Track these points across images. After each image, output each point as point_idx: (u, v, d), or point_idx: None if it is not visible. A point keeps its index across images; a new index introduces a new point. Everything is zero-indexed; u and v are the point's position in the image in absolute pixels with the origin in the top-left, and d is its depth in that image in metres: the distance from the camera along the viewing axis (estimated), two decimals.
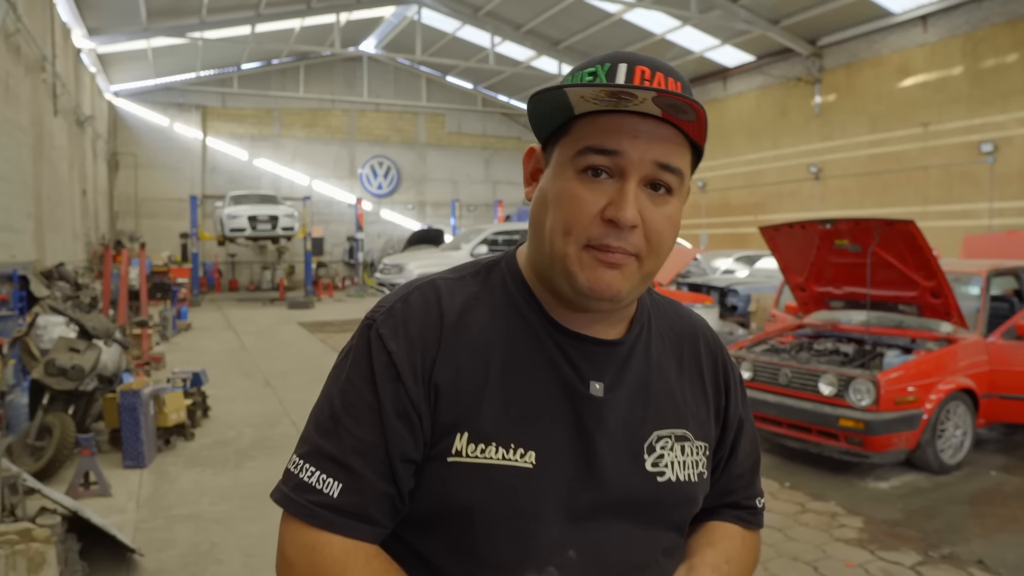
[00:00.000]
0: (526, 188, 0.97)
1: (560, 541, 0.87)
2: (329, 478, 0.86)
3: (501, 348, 0.90)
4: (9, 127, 11.18)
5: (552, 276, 0.90)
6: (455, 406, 0.87)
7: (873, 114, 17.42)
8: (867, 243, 5.75)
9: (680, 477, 0.95)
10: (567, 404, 0.90)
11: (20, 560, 2.61)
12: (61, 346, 5.64)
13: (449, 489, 0.87)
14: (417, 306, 0.91)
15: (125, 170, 25.44)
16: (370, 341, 0.90)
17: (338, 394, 0.89)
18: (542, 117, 0.90)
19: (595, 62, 0.89)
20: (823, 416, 5.33)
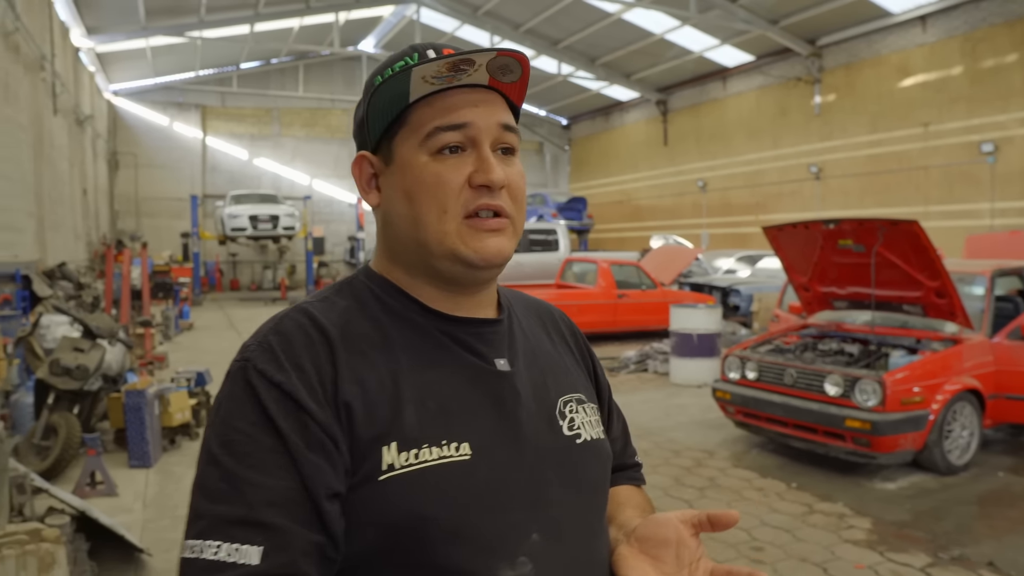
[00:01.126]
0: (366, 196, 0.93)
1: (521, 526, 0.82)
2: (244, 545, 0.72)
3: (397, 351, 0.85)
4: (9, 126, 11.16)
5: (433, 264, 0.88)
6: (371, 420, 0.79)
7: (873, 114, 17.43)
8: (871, 243, 5.74)
9: (592, 436, 0.95)
10: (481, 386, 0.87)
11: (31, 560, 2.60)
12: (65, 346, 5.63)
13: (392, 508, 0.77)
14: (293, 332, 0.82)
15: (125, 169, 25.41)
16: (249, 382, 0.79)
17: (224, 451, 0.76)
18: (375, 116, 0.90)
19: (401, 55, 0.90)
20: (829, 416, 5.32)
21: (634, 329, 12.51)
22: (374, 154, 0.91)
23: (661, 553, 0.87)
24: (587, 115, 29.28)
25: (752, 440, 6.36)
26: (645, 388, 8.84)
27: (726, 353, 6.48)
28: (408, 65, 0.85)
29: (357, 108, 0.94)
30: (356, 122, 0.94)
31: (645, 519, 0.93)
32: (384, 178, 0.91)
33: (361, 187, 0.93)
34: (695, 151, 23.38)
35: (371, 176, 0.92)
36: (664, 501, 4.93)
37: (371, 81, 0.90)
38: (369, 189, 0.93)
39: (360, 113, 0.93)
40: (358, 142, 0.94)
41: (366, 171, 0.93)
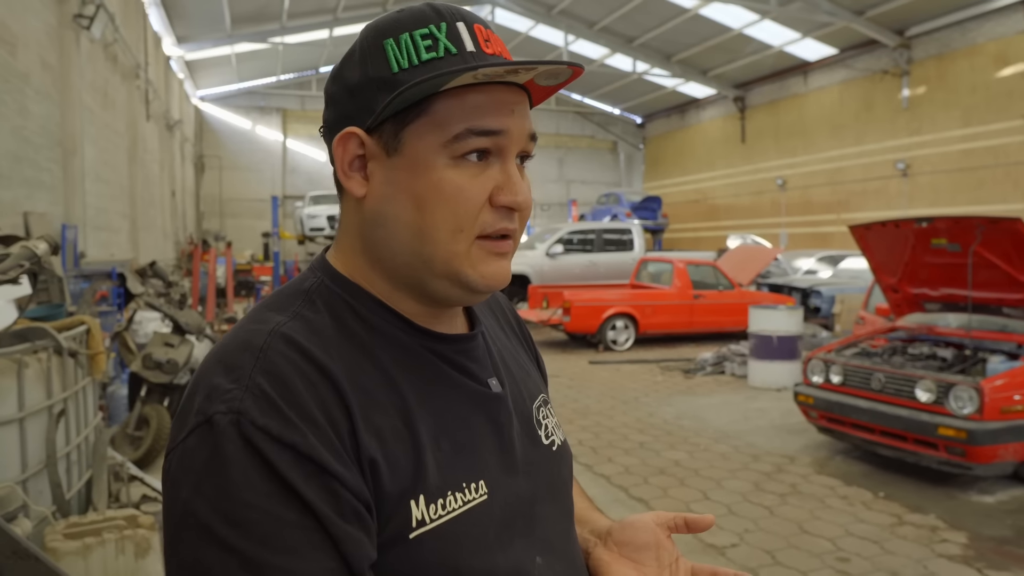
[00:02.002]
0: (346, 180, 0.76)
1: (527, 552, 0.78)
2: None
3: (398, 387, 0.74)
4: (108, 132, 11.77)
5: (426, 281, 0.77)
6: (396, 474, 0.69)
7: (967, 106, 16.57)
8: (968, 242, 5.45)
9: (561, 439, 0.92)
10: (481, 413, 0.80)
11: (128, 544, 2.72)
12: (157, 341, 5.89)
13: (424, 567, 0.69)
14: (289, 372, 0.67)
15: (210, 171, 26.47)
16: (250, 442, 0.63)
17: (236, 533, 0.61)
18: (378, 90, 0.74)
19: (424, 19, 0.74)
20: (920, 424, 5.07)
21: (710, 331, 12.26)
22: (368, 134, 0.75)
23: (642, 556, 0.88)
24: (662, 113, 28.86)
25: (836, 447, 6.12)
26: (722, 391, 8.64)
27: (809, 356, 6.26)
28: (464, 65, 0.72)
29: (345, 67, 0.77)
30: (341, 82, 0.77)
31: (620, 523, 0.92)
32: (381, 169, 0.75)
33: (341, 168, 0.77)
34: (774, 148, 22.73)
35: (357, 157, 0.76)
36: (743, 507, 4.79)
37: (378, 42, 0.75)
38: (351, 173, 0.76)
39: (352, 77, 0.76)
40: (339, 109, 0.77)
41: (352, 151, 0.76)
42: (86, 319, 3.67)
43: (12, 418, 2.88)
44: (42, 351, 3.14)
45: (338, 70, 0.78)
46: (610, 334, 11.68)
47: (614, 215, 22.00)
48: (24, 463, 2.91)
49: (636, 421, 7.13)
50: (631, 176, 31.47)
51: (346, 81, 0.76)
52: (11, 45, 7.41)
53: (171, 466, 0.66)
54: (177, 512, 0.64)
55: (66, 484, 3.17)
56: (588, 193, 28.99)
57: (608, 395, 8.35)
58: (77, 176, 9.39)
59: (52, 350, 3.17)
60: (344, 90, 0.76)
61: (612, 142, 31.10)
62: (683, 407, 7.75)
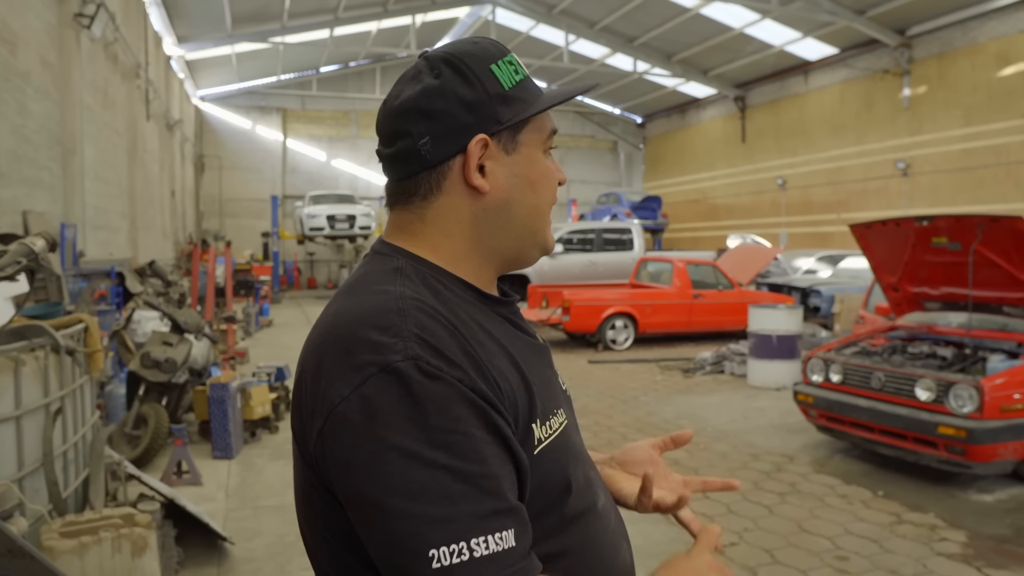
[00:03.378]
0: (475, 180, 0.92)
1: (589, 466, 1.00)
2: (503, 531, 0.76)
3: (496, 339, 0.90)
4: (107, 131, 11.76)
5: (527, 249, 1.00)
6: (520, 403, 0.86)
7: (968, 106, 16.54)
8: (968, 241, 5.44)
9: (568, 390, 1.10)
10: (543, 360, 1.00)
11: (125, 543, 2.71)
12: (155, 340, 5.88)
13: (549, 476, 0.87)
14: (435, 326, 0.82)
15: (210, 171, 26.45)
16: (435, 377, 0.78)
17: (443, 454, 0.75)
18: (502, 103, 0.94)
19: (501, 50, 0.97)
20: (920, 423, 5.06)
21: (710, 330, 12.25)
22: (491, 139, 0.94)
23: (638, 470, 1.13)
24: (662, 113, 28.84)
25: (835, 445, 6.11)
26: (722, 390, 8.63)
27: (809, 355, 6.25)
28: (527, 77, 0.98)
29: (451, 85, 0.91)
30: (454, 99, 0.91)
31: (622, 448, 1.18)
32: (500, 166, 0.94)
33: (471, 169, 0.92)
34: (774, 148, 22.71)
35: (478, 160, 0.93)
36: (742, 505, 4.78)
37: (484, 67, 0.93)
38: (476, 172, 0.93)
39: (465, 93, 0.91)
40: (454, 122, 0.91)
41: (477, 154, 0.92)
42: (84, 317, 3.67)
43: (9, 416, 2.87)
44: (39, 349, 3.13)
45: (440, 88, 0.91)
46: (609, 333, 11.66)
47: (614, 215, 21.99)
48: (20, 461, 2.90)
49: (635, 420, 7.12)
50: (631, 176, 31.44)
51: (459, 97, 0.91)
52: (11, 44, 7.40)
53: (349, 413, 0.77)
54: (376, 449, 0.76)
55: (63, 483, 3.16)
56: (588, 193, 28.97)
57: (607, 394, 8.33)
58: (77, 175, 9.38)
59: (50, 348, 3.17)
60: (458, 105, 0.91)
61: (612, 142, 31.07)
62: (682, 406, 7.73)
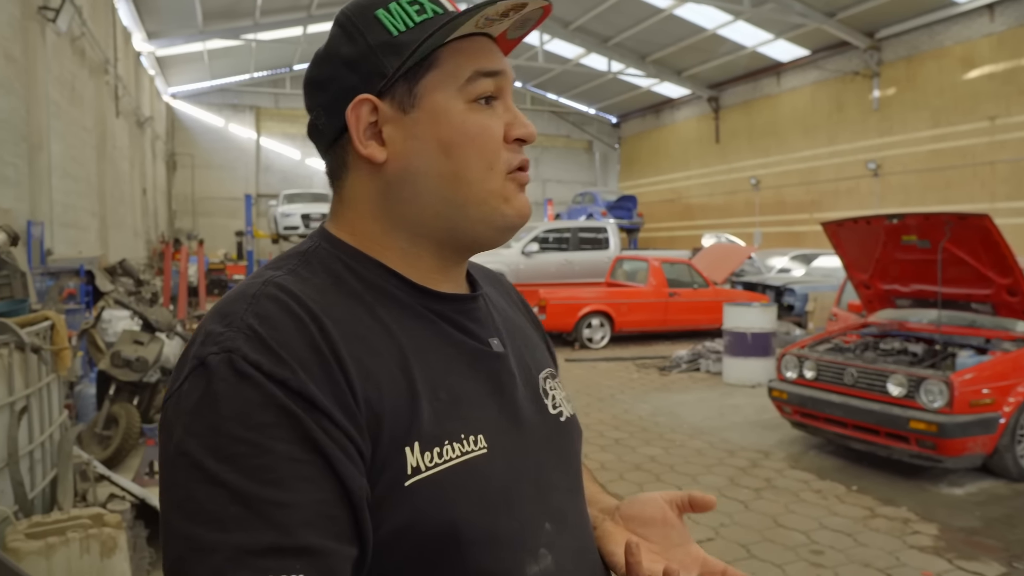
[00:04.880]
0: (364, 147, 0.77)
1: (535, 517, 0.77)
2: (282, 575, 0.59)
3: (395, 337, 0.74)
4: (75, 127, 11.54)
5: (462, 226, 0.79)
6: (389, 419, 0.69)
7: (935, 108, 16.85)
8: (937, 239, 5.52)
9: (569, 412, 0.90)
10: (482, 370, 0.80)
11: (93, 544, 2.65)
12: (126, 338, 5.77)
13: (421, 518, 0.68)
14: (281, 318, 0.68)
15: (182, 170, 26.11)
16: (244, 377, 0.64)
17: (226, 467, 0.61)
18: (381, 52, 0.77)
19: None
20: (892, 418, 5.13)
21: (685, 328, 12.33)
22: (380, 98, 0.77)
23: (648, 532, 0.86)
24: (637, 113, 29.00)
25: (809, 441, 6.17)
26: (697, 388, 8.68)
27: (783, 352, 6.31)
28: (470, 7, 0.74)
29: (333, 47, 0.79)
30: (336, 61, 0.79)
31: (630, 499, 0.91)
32: (399, 128, 0.77)
33: (358, 137, 0.77)
34: (748, 148, 22.95)
35: (369, 125, 0.78)
36: (719, 501, 4.76)
37: (368, 15, 0.78)
38: (367, 141, 0.78)
39: (348, 52, 0.78)
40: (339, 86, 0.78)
41: (365, 118, 0.77)
42: (50, 315, 3.59)
43: None
44: (3, 346, 3.05)
45: (324, 53, 0.80)
46: (586, 332, 11.70)
47: (589, 214, 22.05)
48: None
49: (612, 418, 7.14)
50: (606, 175, 31.58)
51: (342, 57, 0.78)
52: None
53: (166, 412, 0.67)
54: (170, 454, 0.65)
55: (29, 483, 3.08)
56: (564, 192, 29.05)
57: (584, 392, 8.35)
58: (43, 172, 9.18)
59: (14, 345, 3.09)
60: (341, 66, 0.78)
61: (587, 142, 31.19)
62: (658, 404, 7.77)
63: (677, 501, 0.87)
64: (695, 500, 0.88)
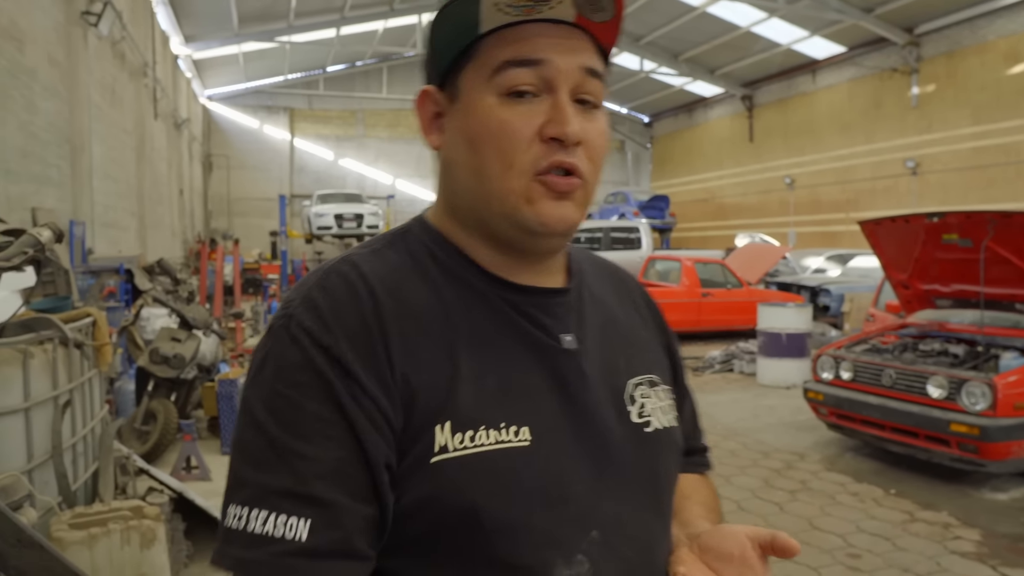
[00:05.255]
0: (427, 136, 0.83)
1: (580, 522, 0.75)
2: (291, 517, 0.66)
3: (454, 321, 0.76)
4: (115, 130, 11.79)
5: (488, 223, 0.79)
6: (426, 396, 0.71)
7: (977, 104, 16.45)
8: (980, 237, 5.39)
9: (663, 423, 0.86)
10: (544, 365, 0.78)
11: (134, 535, 2.71)
12: (164, 336, 5.88)
13: (443, 493, 0.70)
14: (340, 290, 0.74)
15: (218, 171, 26.53)
16: (295, 341, 0.71)
17: (269, 416, 0.69)
18: (442, 45, 0.78)
19: None
20: (932, 420, 5.02)
21: (719, 328, 12.20)
22: (440, 90, 0.81)
23: (722, 567, 0.79)
24: (669, 112, 28.78)
25: (846, 443, 6.07)
26: (731, 388, 8.59)
27: (819, 352, 6.21)
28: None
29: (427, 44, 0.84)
30: (424, 63, 0.84)
31: (712, 528, 0.84)
32: (449, 119, 0.80)
33: (423, 126, 0.83)
34: (782, 147, 22.64)
35: (434, 115, 0.82)
36: (753, 503, 4.75)
37: (444, 10, 0.79)
38: (431, 129, 0.83)
39: (428, 47, 0.83)
40: (424, 77, 0.84)
41: (429, 108, 0.82)
42: (92, 311, 3.66)
43: (18, 408, 2.87)
44: (48, 342, 3.12)
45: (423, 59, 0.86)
46: None
47: (622, 214, 21.93)
48: (30, 453, 2.90)
49: None
50: (638, 175, 31.39)
51: (425, 56, 0.84)
52: (19, 41, 7.42)
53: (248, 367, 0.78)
54: (240, 401, 0.75)
55: (72, 475, 3.16)
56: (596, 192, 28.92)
57: None
58: (85, 173, 9.40)
59: (58, 341, 3.16)
60: (425, 64, 0.84)
61: (619, 141, 31.03)
62: None
63: (761, 540, 0.79)
64: (778, 543, 0.78)
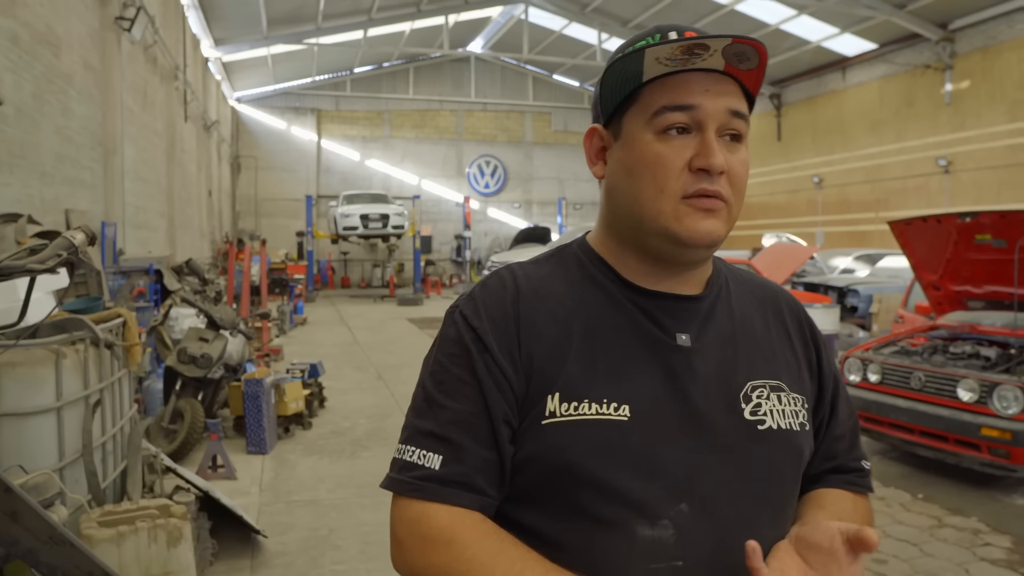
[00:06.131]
0: (592, 167, 1.01)
1: (669, 494, 0.87)
2: (429, 452, 0.89)
3: (581, 313, 0.94)
4: (147, 132, 12.00)
5: (643, 239, 0.94)
6: (544, 371, 0.90)
7: (1014, 101, 16.11)
8: (1015, 238, 5.29)
9: (781, 425, 0.94)
10: (655, 357, 0.92)
11: (161, 533, 2.76)
12: (192, 336, 5.97)
13: (547, 450, 0.88)
14: (494, 288, 0.97)
15: (246, 172, 26.85)
16: (456, 323, 0.96)
17: (429, 377, 0.95)
18: (609, 92, 0.95)
19: (644, 35, 0.94)
20: (962, 424, 4.93)
21: None
22: (605, 128, 0.99)
23: (810, 556, 0.86)
24: None
25: (872, 447, 5.99)
26: None
27: (847, 354, 6.13)
28: (647, 45, 0.89)
29: (597, 88, 1.00)
30: (593, 102, 1.02)
31: (811, 521, 0.91)
32: (611, 152, 0.98)
33: (589, 157, 1.01)
34: (811, 146, 22.36)
35: (600, 149, 1.00)
36: None
37: (613, 59, 0.95)
38: (596, 160, 1.00)
39: (598, 90, 0.99)
40: (592, 116, 1.02)
41: (596, 143, 1.00)
42: (123, 312, 3.73)
43: (50, 407, 2.93)
44: (79, 342, 3.19)
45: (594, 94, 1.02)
46: None
47: None
48: (61, 451, 2.96)
49: None
50: None
51: (595, 98, 1.01)
52: (55, 47, 7.59)
53: None
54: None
55: (101, 473, 3.22)
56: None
57: None
58: (117, 175, 9.58)
59: (89, 341, 3.23)
60: (593, 105, 1.02)
61: None
62: None
63: (848, 534, 0.86)
64: (860, 536, 0.85)
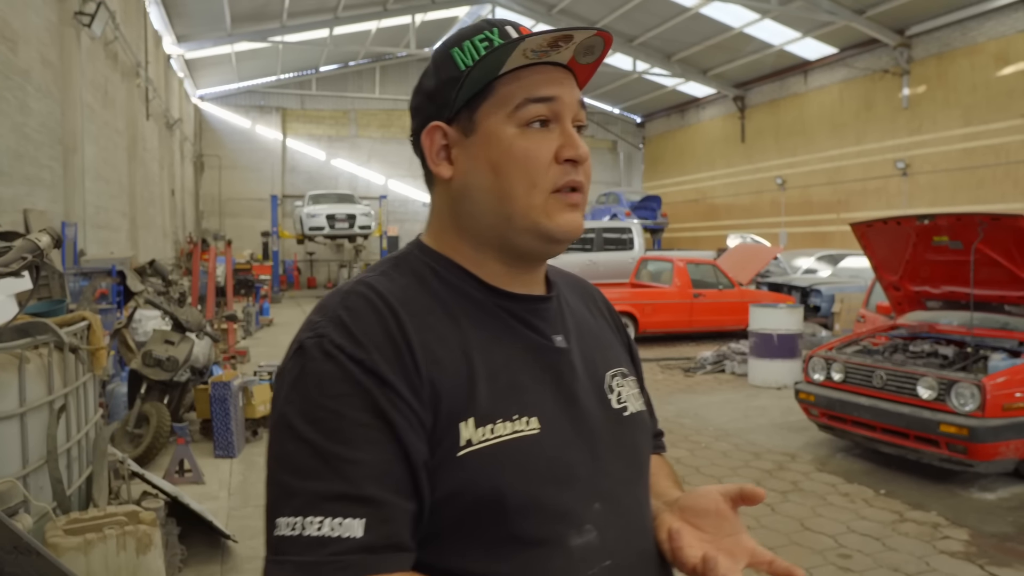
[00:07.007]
0: (436, 167, 0.91)
1: (584, 496, 0.86)
2: (346, 519, 0.73)
3: (462, 327, 0.87)
4: (108, 130, 11.75)
5: (511, 238, 0.89)
6: (449, 397, 0.81)
7: (967, 106, 16.56)
8: (970, 240, 5.44)
9: (636, 408, 0.99)
10: (543, 363, 0.90)
11: (130, 540, 2.71)
12: (157, 338, 5.88)
13: (470, 485, 0.79)
14: (364, 310, 0.82)
15: (210, 171, 26.44)
16: (329, 356, 0.79)
17: (311, 428, 0.76)
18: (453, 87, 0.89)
19: (478, 29, 0.90)
20: (922, 421, 5.07)
21: (710, 329, 12.25)
22: (449, 125, 0.91)
23: (701, 522, 0.93)
24: (662, 112, 28.85)
25: (836, 444, 6.12)
26: (722, 389, 8.63)
27: (810, 353, 6.25)
28: (509, 40, 0.86)
29: (423, 81, 0.94)
30: (422, 93, 0.94)
31: (688, 492, 0.98)
32: (461, 150, 0.90)
33: (431, 158, 0.92)
34: (774, 148, 22.73)
35: (442, 147, 0.92)
36: None
37: (446, 52, 0.91)
38: (439, 160, 0.92)
39: (430, 85, 0.92)
40: (423, 114, 0.93)
41: (438, 142, 0.92)
42: (87, 315, 3.67)
43: (13, 413, 2.87)
44: (43, 346, 3.13)
45: (417, 85, 0.95)
46: None
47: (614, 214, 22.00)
48: (25, 458, 2.90)
49: None
50: (631, 175, 31.45)
51: (425, 90, 0.93)
52: (12, 42, 7.40)
53: (275, 385, 0.84)
54: (274, 417, 0.81)
55: (67, 480, 3.16)
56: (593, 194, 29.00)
57: None
58: (77, 174, 9.37)
59: (53, 345, 3.16)
60: (424, 97, 0.93)
61: (612, 141, 31.09)
62: (683, 405, 7.74)
63: (731, 494, 0.93)
64: (745, 493, 0.92)
